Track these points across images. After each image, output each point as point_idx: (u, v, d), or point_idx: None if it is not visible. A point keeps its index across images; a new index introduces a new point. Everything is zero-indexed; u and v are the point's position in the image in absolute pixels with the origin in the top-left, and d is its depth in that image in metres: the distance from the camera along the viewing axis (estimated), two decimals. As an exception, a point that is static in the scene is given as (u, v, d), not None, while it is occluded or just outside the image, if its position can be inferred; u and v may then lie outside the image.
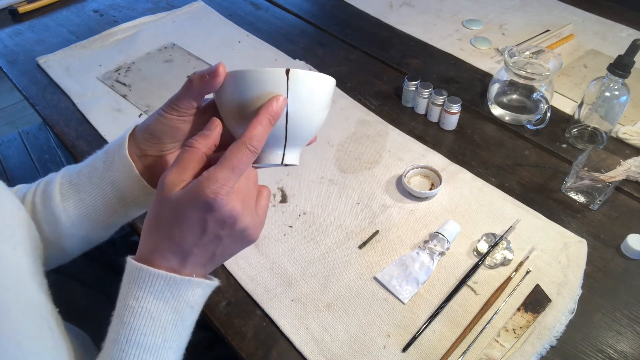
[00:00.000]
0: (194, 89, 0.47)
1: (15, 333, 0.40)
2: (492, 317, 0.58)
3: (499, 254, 0.64)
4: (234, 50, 1.02)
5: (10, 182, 0.58)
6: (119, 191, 0.54)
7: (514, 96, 0.84)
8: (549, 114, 0.78)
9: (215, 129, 0.46)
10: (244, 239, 0.45)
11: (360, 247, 0.65)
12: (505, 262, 0.63)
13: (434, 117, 0.84)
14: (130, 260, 0.44)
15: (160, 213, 0.43)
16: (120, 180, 0.53)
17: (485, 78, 0.95)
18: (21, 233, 0.48)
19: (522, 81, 0.79)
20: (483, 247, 0.65)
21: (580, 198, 0.72)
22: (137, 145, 0.52)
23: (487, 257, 0.64)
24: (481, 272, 0.63)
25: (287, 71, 0.45)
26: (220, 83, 0.46)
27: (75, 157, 0.80)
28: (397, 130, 0.83)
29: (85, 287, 0.75)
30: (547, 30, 1.06)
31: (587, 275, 0.62)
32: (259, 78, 0.46)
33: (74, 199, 0.54)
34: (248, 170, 0.44)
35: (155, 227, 0.44)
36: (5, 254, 0.43)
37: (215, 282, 0.46)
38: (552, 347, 0.56)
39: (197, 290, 0.44)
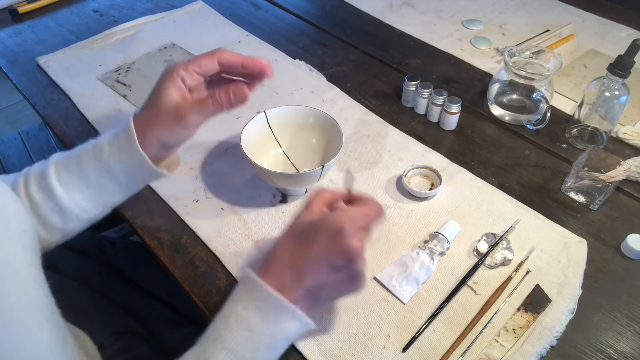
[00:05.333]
0: (213, 107, 0.56)
1: (11, 324, 0.41)
2: (492, 317, 0.58)
3: (499, 254, 0.64)
4: (234, 50, 1.01)
5: (10, 182, 0.57)
6: (130, 178, 0.58)
7: (514, 96, 0.84)
8: (549, 114, 0.78)
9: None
10: (353, 283, 0.48)
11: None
12: (505, 262, 0.63)
13: (434, 117, 0.84)
14: (249, 271, 0.47)
15: (291, 232, 0.49)
16: (131, 169, 0.57)
17: (485, 78, 0.95)
18: (16, 224, 0.48)
19: (522, 81, 0.79)
20: (483, 247, 0.65)
21: (580, 198, 0.72)
22: (151, 151, 0.56)
23: (487, 257, 0.64)
24: (481, 272, 0.63)
25: (322, 166, 0.63)
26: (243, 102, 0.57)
27: (75, 157, 0.79)
28: (397, 130, 0.83)
29: (85, 287, 0.76)
30: (547, 30, 1.06)
31: (587, 275, 0.62)
32: (302, 177, 0.65)
33: (80, 189, 0.56)
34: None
35: (284, 242, 0.48)
36: (1, 245, 0.44)
37: (312, 325, 0.48)
38: (552, 347, 0.56)
39: (296, 324, 0.47)
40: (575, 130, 0.82)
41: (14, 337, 0.41)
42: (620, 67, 0.71)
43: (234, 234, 0.67)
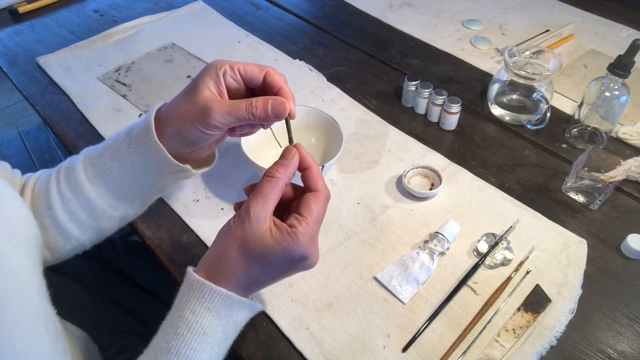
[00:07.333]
0: (245, 113, 0.48)
1: (12, 335, 0.40)
2: (492, 317, 0.58)
3: (499, 254, 0.64)
4: (234, 50, 1.02)
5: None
6: (151, 172, 0.54)
7: (514, 96, 0.84)
8: (549, 114, 0.78)
9: (293, 158, 0.47)
10: (305, 269, 0.48)
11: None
12: (505, 262, 0.63)
13: (434, 117, 0.84)
14: (192, 273, 0.45)
15: (245, 246, 0.44)
16: (151, 163, 0.53)
17: (485, 78, 0.95)
18: (21, 232, 0.48)
19: (522, 81, 0.79)
20: (483, 247, 0.65)
21: (580, 198, 0.72)
22: (168, 144, 0.52)
23: (487, 257, 0.64)
24: (481, 272, 0.63)
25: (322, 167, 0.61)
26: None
27: (75, 157, 0.80)
28: (397, 130, 0.83)
29: (85, 287, 0.75)
30: (547, 30, 1.06)
31: (587, 275, 0.62)
32: None
33: (105, 184, 0.54)
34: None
35: (236, 256, 0.45)
36: (6, 252, 0.43)
37: (260, 307, 0.49)
38: (552, 347, 0.56)
39: (245, 312, 0.47)
40: (575, 130, 0.82)
41: (15, 348, 0.40)
42: (620, 67, 0.71)
43: (234, 234, 0.67)
